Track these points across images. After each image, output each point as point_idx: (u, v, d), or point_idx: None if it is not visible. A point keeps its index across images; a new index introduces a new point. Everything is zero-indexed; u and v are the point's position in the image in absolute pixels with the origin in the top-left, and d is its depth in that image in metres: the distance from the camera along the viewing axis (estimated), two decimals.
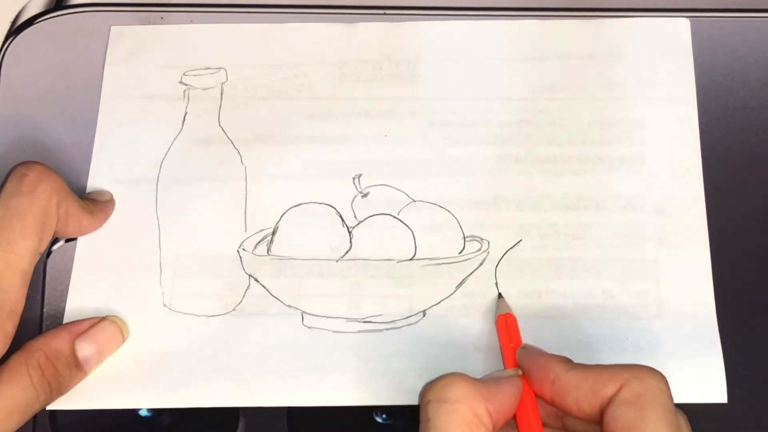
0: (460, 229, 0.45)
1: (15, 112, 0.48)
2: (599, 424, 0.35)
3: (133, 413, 0.43)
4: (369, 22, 0.49)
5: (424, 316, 0.43)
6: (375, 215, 0.45)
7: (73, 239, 0.45)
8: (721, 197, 0.45)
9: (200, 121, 0.48)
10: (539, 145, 0.46)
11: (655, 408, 0.34)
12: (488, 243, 0.44)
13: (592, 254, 0.44)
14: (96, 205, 0.45)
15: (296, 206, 0.46)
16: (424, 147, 0.47)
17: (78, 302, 0.44)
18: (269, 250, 0.45)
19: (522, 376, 0.38)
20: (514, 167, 0.46)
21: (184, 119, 0.48)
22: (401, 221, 0.45)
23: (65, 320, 0.44)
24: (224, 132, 0.47)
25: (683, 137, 0.46)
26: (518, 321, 0.41)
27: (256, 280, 0.44)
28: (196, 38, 0.49)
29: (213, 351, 0.43)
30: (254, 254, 0.44)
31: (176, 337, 0.43)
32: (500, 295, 0.43)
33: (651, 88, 0.47)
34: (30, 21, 0.50)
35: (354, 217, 0.45)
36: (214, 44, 0.49)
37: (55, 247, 0.45)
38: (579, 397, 0.35)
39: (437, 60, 0.48)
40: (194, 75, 0.48)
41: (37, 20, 0.50)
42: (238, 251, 0.45)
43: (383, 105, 0.48)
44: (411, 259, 0.44)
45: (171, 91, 0.48)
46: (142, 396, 0.42)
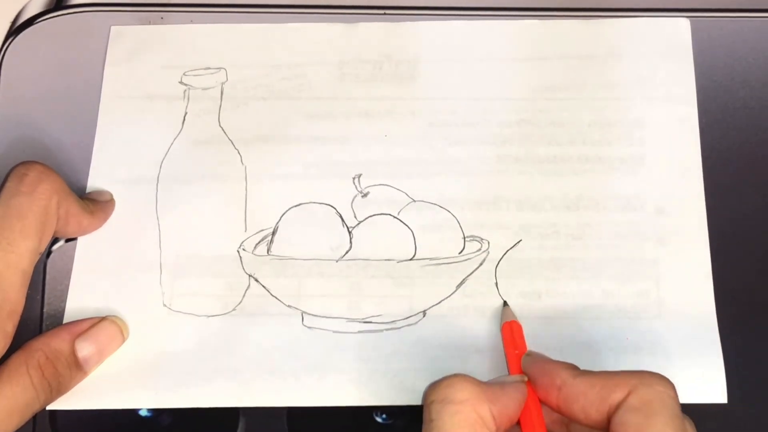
0: (460, 229, 0.45)
1: (15, 112, 0.48)
2: (606, 431, 0.35)
3: (133, 413, 0.43)
4: (369, 22, 0.49)
5: (424, 317, 0.43)
6: (375, 215, 0.45)
7: (73, 239, 0.45)
8: (721, 197, 0.45)
9: (200, 121, 0.48)
10: (539, 145, 0.46)
11: (663, 414, 0.34)
12: (488, 243, 0.44)
13: (592, 254, 0.44)
14: (96, 205, 0.45)
15: (296, 206, 0.46)
16: (424, 147, 0.47)
17: (78, 302, 0.44)
18: (269, 250, 0.45)
19: (527, 383, 0.38)
20: (514, 167, 0.46)
21: (184, 119, 0.48)
22: (401, 221, 0.45)
23: (65, 320, 0.44)
24: (224, 132, 0.47)
25: (683, 137, 0.46)
26: (518, 321, 0.41)
27: (256, 280, 0.44)
28: (196, 38, 0.49)
29: (213, 351, 0.43)
30: (254, 254, 0.44)
31: (176, 337, 0.43)
32: (505, 303, 0.43)
33: (651, 88, 0.47)
34: (30, 21, 0.50)
35: (354, 217, 0.45)
36: (214, 44, 0.49)
37: (55, 247, 0.45)
38: (586, 404, 0.35)
39: (437, 60, 0.48)
40: (194, 75, 0.48)
41: (37, 20, 0.50)
42: (238, 251, 0.45)
43: (383, 105, 0.48)
44: (411, 259, 0.44)
45: (171, 91, 0.48)
46: (142, 396, 0.42)
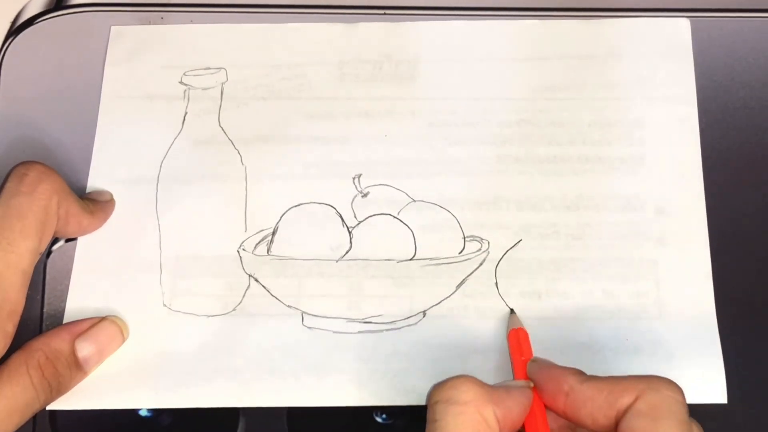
0: (460, 229, 0.45)
1: (15, 112, 0.48)
2: None
3: (133, 413, 0.43)
4: (369, 22, 0.49)
5: (424, 317, 0.43)
6: (375, 215, 0.45)
7: (73, 239, 0.45)
8: (721, 197, 0.45)
9: (200, 121, 0.48)
10: (539, 145, 0.46)
11: (671, 419, 0.33)
12: (488, 243, 0.44)
13: (592, 254, 0.44)
14: (96, 205, 0.45)
15: (296, 206, 0.46)
16: (424, 147, 0.46)
17: (78, 302, 0.44)
18: (269, 250, 0.45)
19: (533, 389, 0.38)
20: (514, 167, 0.46)
21: (184, 119, 0.48)
22: (401, 221, 0.45)
23: (65, 320, 0.44)
24: (224, 132, 0.47)
25: (683, 137, 0.46)
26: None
27: (256, 280, 0.44)
28: (196, 38, 0.49)
29: (213, 351, 0.43)
30: (254, 254, 0.44)
31: (176, 337, 0.43)
32: (512, 311, 0.43)
33: (651, 88, 0.47)
34: (30, 21, 0.50)
35: (354, 217, 0.45)
36: (214, 44, 0.49)
37: (55, 247, 0.45)
38: (594, 409, 0.35)
39: (437, 60, 0.48)
40: (194, 75, 0.48)
41: (37, 20, 0.50)
42: (238, 251, 0.45)
43: (383, 105, 0.48)
44: (411, 259, 0.44)
45: (171, 91, 0.48)
46: (142, 396, 0.42)
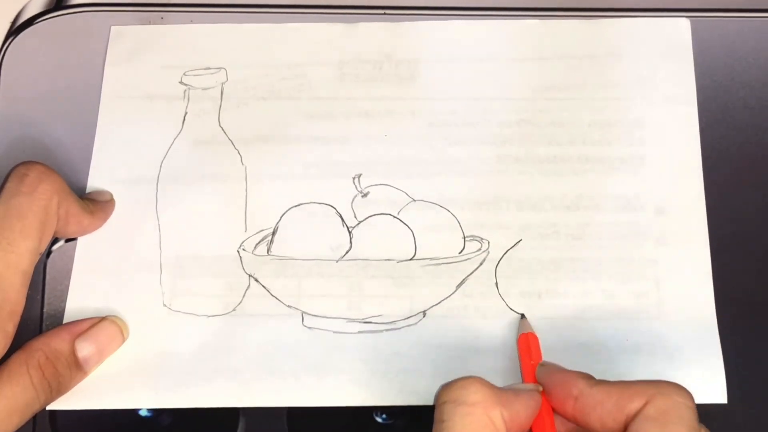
0: (460, 229, 0.45)
1: (15, 112, 0.48)
2: None
3: (133, 413, 0.43)
4: (369, 22, 0.49)
5: (425, 317, 0.43)
6: (375, 215, 0.45)
7: (73, 239, 0.45)
8: (721, 197, 0.45)
9: (200, 121, 0.48)
10: (539, 145, 0.46)
11: (680, 424, 0.33)
12: (488, 243, 0.44)
13: (592, 254, 0.44)
14: (96, 205, 0.45)
15: (296, 206, 0.46)
16: (424, 147, 0.46)
17: (78, 302, 0.44)
18: (269, 250, 0.45)
19: (541, 393, 0.38)
20: (514, 167, 0.46)
21: (184, 119, 0.48)
22: (401, 221, 0.45)
23: (65, 320, 0.44)
24: (224, 132, 0.47)
25: (683, 137, 0.46)
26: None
27: (256, 280, 0.44)
28: (196, 38, 0.49)
29: (213, 351, 0.43)
30: (254, 254, 0.44)
31: (176, 337, 0.43)
32: (523, 316, 0.43)
33: (651, 88, 0.47)
34: (30, 21, 0.50)
35: (354, 217, 0.45)
36: (214, 44, 0.49)
37: (55, 247, 0.45)
38: (603, 413, 0.35)
39: (437, 60, 0.48)
40: (194, 75, 0.48)
41: (37, 20, 0.50)
42: (238, 251, 0.45)
43: (383, 105, 0.48)
44: (411, 259, 0.44)
45: (171, 91, 0.48)
46: (142, 396, 0.42)
